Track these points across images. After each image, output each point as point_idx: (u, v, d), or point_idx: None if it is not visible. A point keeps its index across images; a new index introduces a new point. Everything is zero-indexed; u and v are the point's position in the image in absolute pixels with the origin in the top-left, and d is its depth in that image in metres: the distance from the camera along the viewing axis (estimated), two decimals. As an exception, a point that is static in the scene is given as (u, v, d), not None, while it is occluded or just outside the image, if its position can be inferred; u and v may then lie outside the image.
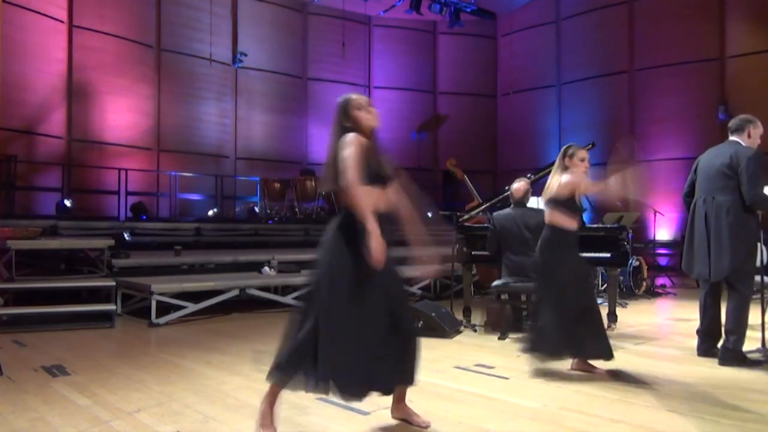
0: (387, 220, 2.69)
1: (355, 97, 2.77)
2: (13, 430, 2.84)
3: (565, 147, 4.06)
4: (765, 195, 4.00)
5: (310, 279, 2.76)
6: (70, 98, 10.59)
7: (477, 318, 5.86)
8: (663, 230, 11.09)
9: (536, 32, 14.03)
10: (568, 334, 3.77)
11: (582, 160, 3.98)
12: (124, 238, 7.97)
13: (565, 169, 3.98)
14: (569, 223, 3.92)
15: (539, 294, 4.08)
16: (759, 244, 4.35)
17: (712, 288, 4.28)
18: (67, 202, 9.56)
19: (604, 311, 5.65)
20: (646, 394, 3.42)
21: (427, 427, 2.83)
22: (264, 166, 12.78)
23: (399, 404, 2.90)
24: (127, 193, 10.49)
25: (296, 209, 11.28)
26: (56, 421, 2.95)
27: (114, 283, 6.09)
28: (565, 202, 3.91)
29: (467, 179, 7.58)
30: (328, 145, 2.75)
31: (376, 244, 2.53)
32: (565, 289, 3.83)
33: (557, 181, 3.97)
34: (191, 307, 6.03)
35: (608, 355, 3.80)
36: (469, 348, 4.82)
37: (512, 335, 5.22)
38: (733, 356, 4.01)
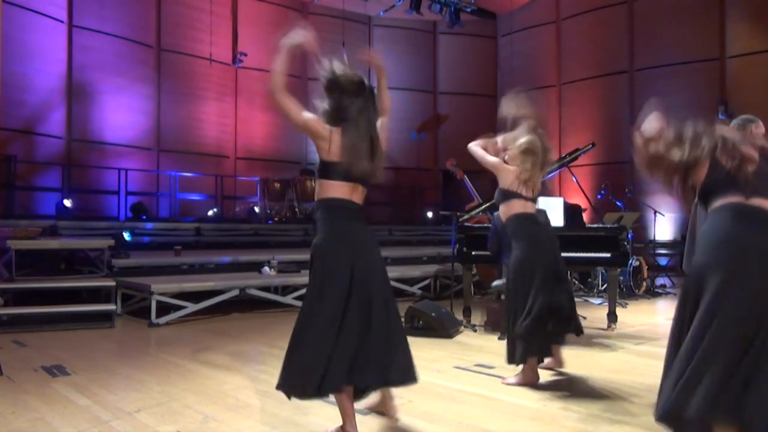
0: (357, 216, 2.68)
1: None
2: (13, 430, 2.84)
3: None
4: None
5: None
6: (70, 98, 10.59)
7: (477, 318, 5.87)
8: (663, 230, 11.08)
9: (536, 32, 14.02)
10: None
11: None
12: (124, 238, 7.97)
13: None
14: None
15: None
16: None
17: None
18: (67, 202, 9.55)
19: (603, 311, 5.71)
20: (646, 394, 3.41)
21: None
22: (264, 166, 12.78)
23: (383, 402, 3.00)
24: (127, 193, 10.49)
25: (296, 209, 11.26)
26: (56, 421, 2.95)
27: (114, 283, 6.08)
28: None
29: (467, 179, 7.58)
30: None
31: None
32: None
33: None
34: (191, 307, 6.03)
35: None
36: (469, 348, 4.82)
37: (512, 335, 5.22)
38: (733, 356, 4.00)
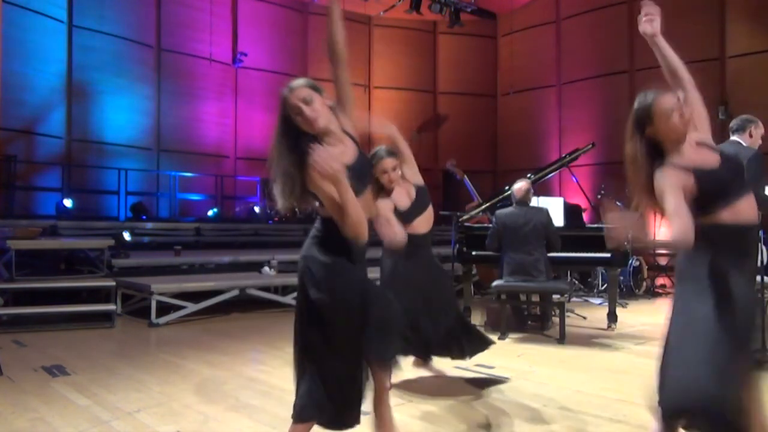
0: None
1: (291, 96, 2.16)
2: (13, 430, 2.84)
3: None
4: (766, 196, 4.00)
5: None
6: (70, 98, 10.57)
7: (477, 318, 5.86)
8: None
9: (536, 32, 14.01)
10: None
11: (384, 172, 3.33)
12: (124, 238, 7.96)
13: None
14: None
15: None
16: (759, 244, 4.36)
17: (712, 288, 4.27)
18: (67, 202, 9.55)
19: (603, 311, 5.71)
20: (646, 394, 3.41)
21: None
22: (264, 166, 12.69)
23: None
24: (127, 193, 10.49)
25: (296, 209, 11.24)
26: (56, 421, 2.95)
27: (114, 283, 6.08)
28: None
29: (467, 179, 7.60)
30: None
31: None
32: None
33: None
34: (191, 307, 6.03)
35: None
36: (469, 348, 4.81)
37: (512, 335, 5.23)
38: (733, 356, 4.00)
